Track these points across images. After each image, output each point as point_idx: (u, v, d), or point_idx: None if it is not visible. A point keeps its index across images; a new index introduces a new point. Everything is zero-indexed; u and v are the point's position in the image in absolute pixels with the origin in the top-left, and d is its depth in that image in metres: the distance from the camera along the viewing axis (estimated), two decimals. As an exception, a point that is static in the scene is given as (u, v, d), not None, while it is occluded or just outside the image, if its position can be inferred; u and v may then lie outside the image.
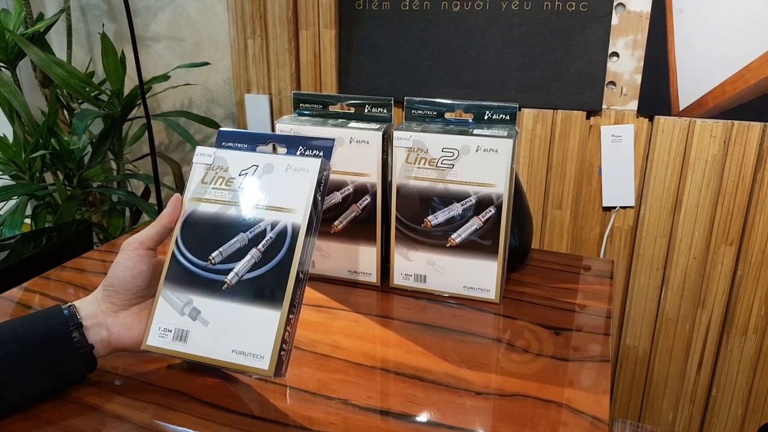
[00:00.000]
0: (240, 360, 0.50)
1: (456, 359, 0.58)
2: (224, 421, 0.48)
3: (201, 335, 0.51)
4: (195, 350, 0.51)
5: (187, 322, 0.52)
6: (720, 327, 1.28)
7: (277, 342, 0.49)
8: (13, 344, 0.48)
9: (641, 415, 1.41)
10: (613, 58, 1.23)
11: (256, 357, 0.50)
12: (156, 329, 0.52)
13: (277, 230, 0.52)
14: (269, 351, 0.49)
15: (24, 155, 1.43)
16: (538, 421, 0.49)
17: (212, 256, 0.53)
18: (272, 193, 0.54)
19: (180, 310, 0.52)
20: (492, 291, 0.69)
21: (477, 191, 0.66)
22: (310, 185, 0.53)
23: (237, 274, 0.52)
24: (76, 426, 0.48)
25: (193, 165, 0.56)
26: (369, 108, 0.71)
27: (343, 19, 1.41)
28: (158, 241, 0.54)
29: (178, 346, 0.52)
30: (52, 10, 1.78)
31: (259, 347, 0.50)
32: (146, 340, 0.52)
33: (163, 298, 0.53)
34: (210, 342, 0.51)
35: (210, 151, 0.56)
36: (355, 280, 0.74)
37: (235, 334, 0.51)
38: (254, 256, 0.52)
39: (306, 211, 0.52)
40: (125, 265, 0.52)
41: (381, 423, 0.49)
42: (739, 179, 1.18)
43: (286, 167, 0.54)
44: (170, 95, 1.72)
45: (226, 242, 0.53)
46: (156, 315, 0.52)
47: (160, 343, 0.52)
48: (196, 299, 0.52)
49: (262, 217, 0.53)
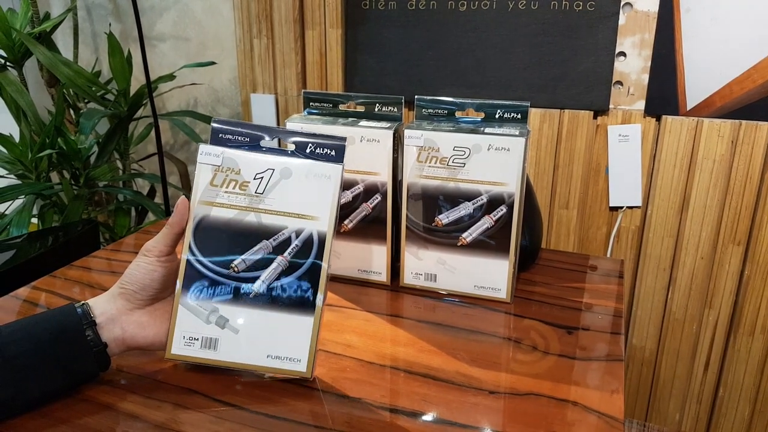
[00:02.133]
0: (276, 364, 0.52)
1: (468, 358, 0.58)
2: (238, 420, 0.48)
3: (232, 342, 0.52)
4: (227, 357, 0.52)
5: (214, 330, 0.52)
6: (727, 327, 1.28)
7: (312, 345, 0.52)
8: (26, 343, 0.48)
9: (648, 415, 1.41)
10: (621, 57, 1.22)
11: (293, 360, 0.52)
12: (179, 338, 0.52)
13: (302, 238, 0.52)
14: (306, 354, 0.52)
15: (30, 155, 1.43)
16: (552, 420, 0.49)
17: (235, 264, 0.52)
18: (294, 200, 0.53)
19: (205, 319, 0.52)
20: (503, 290, 0.68)
21: (488, 190, 0.65)
22: (333, 193, 0.53)
23: (264, 281, 0.52)
24: (90, 425, 0.48)
25: (198, 165, 0.53)
26: (379, 107, 0.71)
27: (350, 18, 1.41)
28: (174, 247, 0.54)
29: (208, 354, 0.52)
30: (58, 9, 1.78)
31: (296, 351, 0.52)
32: (170, 349, 0.52)
33: (183, 307, 0.52)
34: (243, 349, 0.52)
35: (217, 150, 0.53)
36: (366, 279, 0.74)
37: (270, 340, 0.52)
38: (281, 264, 0.52)
39: (331, 218, 0.52)
40: (145, 268, 0.52)
41: (395, 422, 0.49)
42: (746, 179, 1.17)
43: (306, 173, 0.53)
44: (176, 95, 1.72)
45: (248, 249, 0.52)
46: (178, 324, 0.52)
47: (188, 352, 0.52)
48: (221, 307, 0.52)
49: (286, 224, 0.52)
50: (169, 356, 0.52)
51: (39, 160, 1.44)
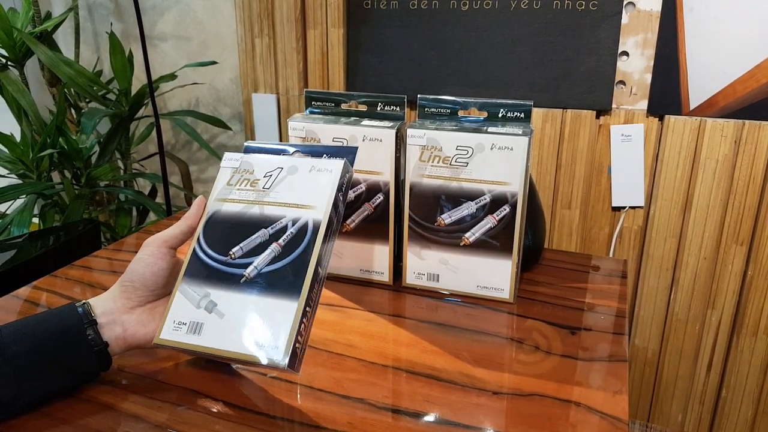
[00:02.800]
0: (254, 351, 0.49)
1: (471, 359, 0.57)
2: (240, 420, 0.48)
3: (216, 327, 0.51)
4: (208, 342, 0.50)
5: (202, 314, 0.51)
6: (730, 328, 1.27)
7: (292, 332, 0.49)
8: (27, 342, 0.48)
9: (650, 416, 1.40)
10: (623, 57, 1.22)
11: (271, 348, 0.48)
12: (170, 323, 0.51)
13: (298, 226, 0.53)
14: (284, 341, 0.48)
15: (32, 154, 1.43)
16: (556, 421, 0.48)
17: (233, 251, 0.53)
18: (295, 191, 0.55)
19: (196, 303, 0.52)
20: (506, 290, 0.68)
21: (491, 190, 0.65)
22: (332, 184, 0.54)
23: (256, 267, 0.52)
24: (92, 425, 0.47)
25: (221, 169, 0.58)
26: (382, 106, 0.71)
27: (351, 18, 1.40)
28: (182, 240, 0.54)
29: (191, 338, 0.51)
30: (59, 9, 1.78)
31: (275, 337, 0.49)
32: (159, 334, 0.51)
33: (180, 293, 0.52)
34: (225, 333, 0.50)
35: (237, 156, 0.58)
36: (368, 279, 0.74)
37: (251, 325, 0.50)
38: (274, 250, 0.52)
39: (327, 207, 0.53)
40: (146, 261, 0.52)
41: (398, 423, 0.48)
42: (750, 179, 1.17)
43: (310, 168, 0.56)
44: (177, 94, 1.72)
45: (248, 238, 0.53)
46: (171, 310, 0.52)
47: (173, 336, 0.51)
48: (213, 292, 0.52)
49: (284, 213, 0.54)
50: (157, 341, 0.51)
51: (40, 159, 1.44)
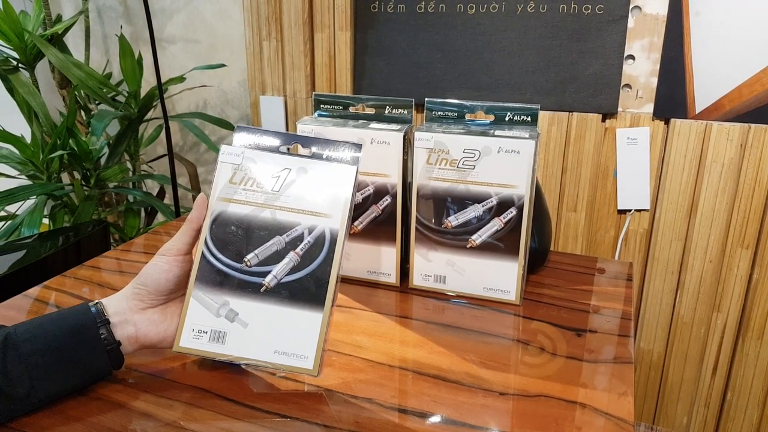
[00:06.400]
0: (283, 360, 0.51)
1: (477, 360, 0.58)
2: (250, 419, 0.49)
3: (240, 337, 0.52)
4: (235, 351, 0.52)
5: (224, 323, 0.52)
6: (735, 331, 1.27)
7: (320, 343, 0.51)
8: (41, 341, 0.48)
9: (655, 418, 1.40)
10: (629, 60, 1.22)
11: (300, 357, 0.51)
12: (189, 331, 0.52)
13: (315, 234, 0.53)
14: (313, 351, 0.51)
15: (42, 155, 1.45)
16: (562, 422, 0.49)
17: (248, 258, 0.53)
18: (308, 197, 0.54)
19: (215, 312, 0.52)
20: (512, 292, 0.69)
21: (498, 192, 0.66)
22: (346, 192, 0.54)
23: (276, 276, 0.52)
24: (104, 423, 0.48)
25: (219, 164, 0.55)
26: (389, 109, 0.71)
27: (359, 21, 1.41)
28: (192, 245, 0.55)
29: (216, 347, 0.52)
30: (70, 12, 1.80)
31: (303, 348, 0.51)
32: (178, 341, 0.52)
33: (195, 300, 0.53)
34: (251, 343, 0.52)
35: (238, 150, 0.55)
36: (375, 280, 0.74)
37: (277, 335, 0.52)
38: (293, 260, 0.53)
39: (344, 217, 0.53)
40: (162, 268, 0.53)
41: (405, 423, 0.49)
42: (755, 182, 1.17)
43: (321, 172, 0.54)
44: (185, 97, 1.74)
45: (261, 245, 0.53)
46: (188, 317, 0.53)
47: (196, 345, 0.52)
48: (232, 301, 0.52)
49: (299, 221, 0.53)
50: (177, 349, 0.52)
51: (50, 161, 1.46)
